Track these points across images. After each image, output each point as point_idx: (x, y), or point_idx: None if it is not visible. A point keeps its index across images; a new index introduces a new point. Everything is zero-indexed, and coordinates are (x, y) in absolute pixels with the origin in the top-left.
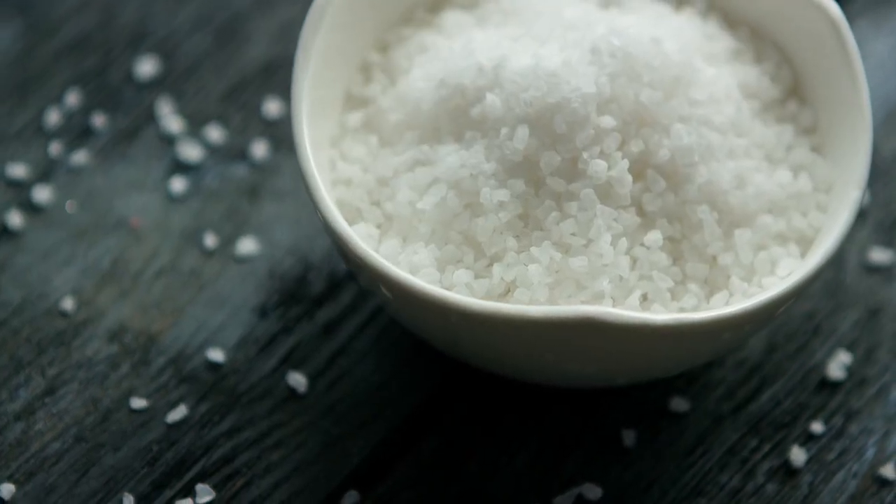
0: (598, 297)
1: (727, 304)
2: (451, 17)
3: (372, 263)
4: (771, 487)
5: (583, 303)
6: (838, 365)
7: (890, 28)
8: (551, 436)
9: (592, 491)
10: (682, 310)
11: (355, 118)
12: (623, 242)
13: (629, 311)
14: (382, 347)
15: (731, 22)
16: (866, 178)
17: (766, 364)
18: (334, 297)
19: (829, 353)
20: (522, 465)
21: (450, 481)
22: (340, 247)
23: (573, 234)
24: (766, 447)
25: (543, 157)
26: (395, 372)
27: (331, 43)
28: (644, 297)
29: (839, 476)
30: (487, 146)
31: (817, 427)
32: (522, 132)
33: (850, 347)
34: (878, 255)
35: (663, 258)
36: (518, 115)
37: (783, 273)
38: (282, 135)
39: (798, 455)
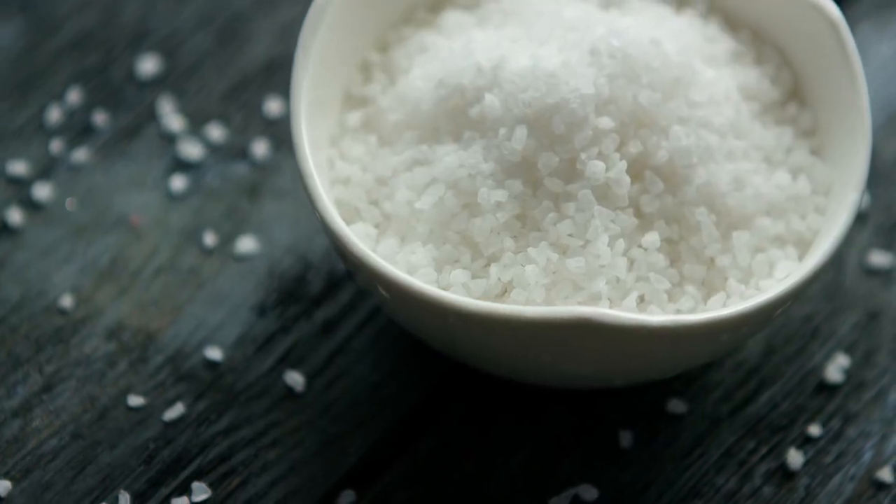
0: (595, 298)
1: (724, 306)
2: (452, 17)
3: (369, 263)
4: (768, 490)
5: (579, 304)
6: (836, 368)
7: (893, 31)
8: (548, 436)
9: (589, 492)
10: (678, 311)
11: (355, 117)
12: (620, 243)
13: (625, 313)
14: (380, 347)
15: (732, 24)
16: (865, 181)
17: (764, 366)
18: (333, 296)
19: (828, 356)
20: (519, 466)
21: (446, 481)
22: (338, 246)
23: (570, 235)
24: (764, 449)
25: (541, 158)
26: (392, 372)
27: (330, 42)
28: (641, 299)
29: (836, 479)
30: (486, 146)
31: (815, 430)
32: (521, 133)
33: (848, 350)
34: (878, 259)
35: (661, 259)
36: (516, 116)
37: (781, 275)
38: (282, 134)
39: (795, 458)
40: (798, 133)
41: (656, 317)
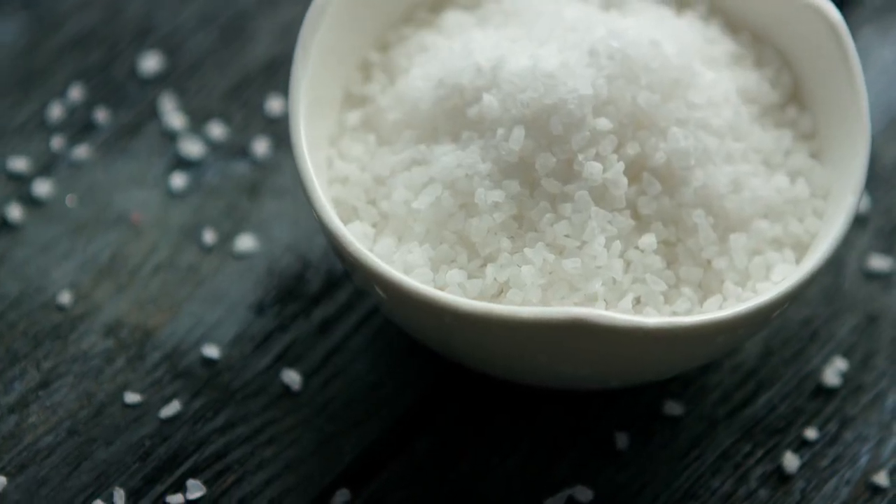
0: (591, 300)
1: (720, 308)
2: (452, 17)
3: (366, 262)
4: (763, 493)
5: (575, 305)
6: (834, 371)
7: (895, 35)
8: (544, 437)
9: (584, 493)
10: (674, 313)
11: (354, 117)
12: (617, 245)
13: (621, 314)
14: (377, 347)
15: (733, 26)
16: (863, 185)
17: (761, 369)
18: (331, 295)
19: (826, 359)
20: (514, 466)
21: (442, 481)
22: (335, 246)
23: (567, 236)
24: (760, 452)
25: (539, 159)
26: (389, 371)
27: (330, 42)
28: (637, 301)
29: (832, 483)
30: (484, 147)
31: (811, 433)
32: (518, 133)
33: (846, 354)
34: (878, 262)
35: (657, 261)
36: (514, 116)
37: (778, 278)
38: (283, 132)
39: (791, 461)
40: (797, 136)
41: (652, 318)
